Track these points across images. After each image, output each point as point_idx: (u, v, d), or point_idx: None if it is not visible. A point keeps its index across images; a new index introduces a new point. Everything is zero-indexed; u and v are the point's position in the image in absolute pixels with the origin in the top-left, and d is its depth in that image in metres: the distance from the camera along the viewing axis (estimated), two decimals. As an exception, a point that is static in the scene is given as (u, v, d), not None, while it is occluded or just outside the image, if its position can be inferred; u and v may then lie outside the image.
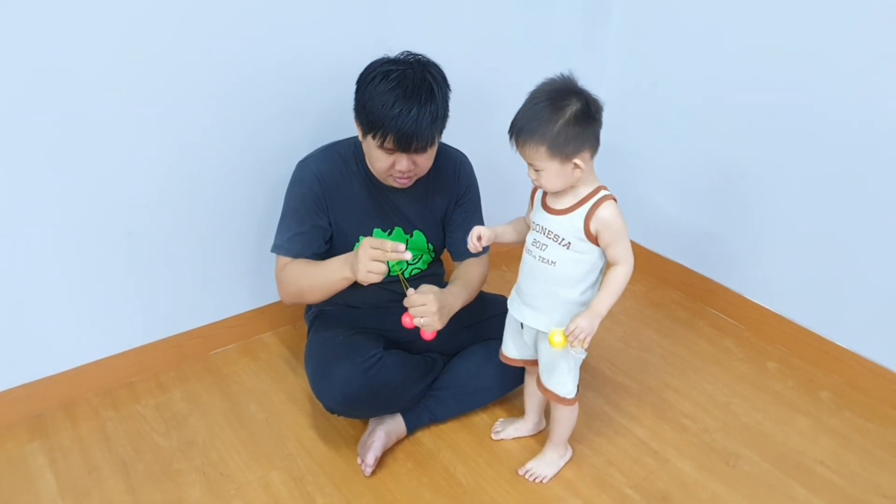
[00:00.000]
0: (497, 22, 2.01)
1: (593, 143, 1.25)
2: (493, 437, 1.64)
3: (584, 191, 1.29)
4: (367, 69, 1.44)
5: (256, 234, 1.85)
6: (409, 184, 1.51)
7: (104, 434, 1.64)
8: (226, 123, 1.68)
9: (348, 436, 1.64)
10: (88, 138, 1.52)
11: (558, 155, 1.22)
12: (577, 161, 1.23)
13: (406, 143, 1.38)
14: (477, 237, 1.39)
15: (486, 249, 1.69)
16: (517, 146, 1.26)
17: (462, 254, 1.68)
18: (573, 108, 1.21)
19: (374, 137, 1.39)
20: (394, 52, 1.46)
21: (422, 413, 1.64)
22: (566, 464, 1.57)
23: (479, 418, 1.70)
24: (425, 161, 1.47)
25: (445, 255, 1.77)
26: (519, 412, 1.70)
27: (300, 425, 1.68)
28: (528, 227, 1.41)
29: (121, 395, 1.77)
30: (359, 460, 1.54)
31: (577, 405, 1.47)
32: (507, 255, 2.32)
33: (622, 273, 1.30)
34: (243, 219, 1.82)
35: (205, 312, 1.88)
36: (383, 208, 1.60)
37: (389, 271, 1.39)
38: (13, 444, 1.61)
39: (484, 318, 1.69)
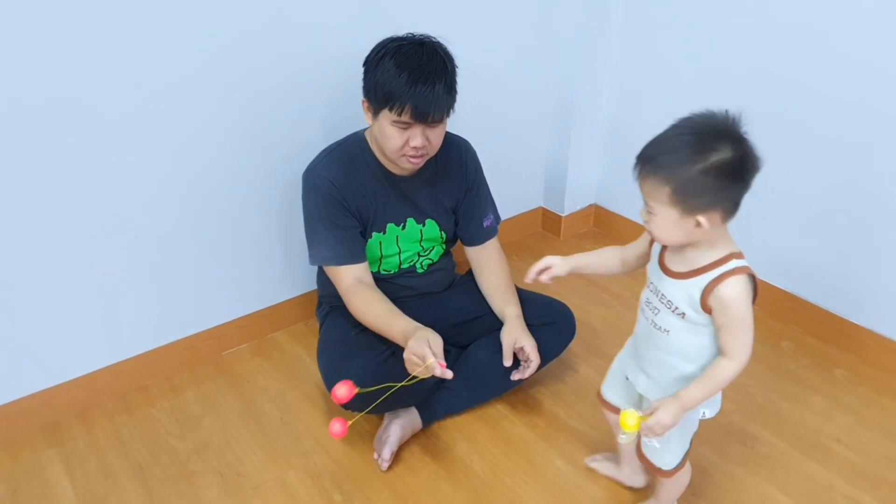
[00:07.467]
0: (500, 11, 2.00)
1: (729, 206, 1.02)
2: (588, 462, 1.53)
3: (711, 255, 1.06)
4: (376, 47, 1.44)
5: (267, 232, 1.85)
6: (421, 163, 1.50)
7: (120, 439, 1.65)
8: (234, 122, 1.68)
9: (364, 431, 1.63)
10: (94, 139, 1.51)
11: (682, 204, 1.00)
12: (700, 219, 1.01)
13: (423, 113, 1.38)
14: (541, 271, 1.28)
15: (493, 233, 1.70)
16: (639, 176, 1.04)
17: (473, 239, 1.69)
18: (723, 156, 0.97)
19: (390, 110, 1.39)
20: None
21: (436, 406, 1.64)
22: None
23: (494, 409, 1.70)
24: (437, 137, 1.47)
25: (457, 248, 1.77)
26: (534, 402, 1.70)
27: (315, 422, 1.68)
28: (621, 264, 1.29)
29: (135, 399, 1.77)
30: (375, 455, 1.55)
31: (683, 470, 1.30)
32: (517, 245, 2.31)
33: (728, 369, 1.09)
34: (252, 218, 1.81)
35: (216, 313, 1.88)
36: (395, 200, 1.59)
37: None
38: (30, 452, 1.61)
39: (492, 310, 1.68)
